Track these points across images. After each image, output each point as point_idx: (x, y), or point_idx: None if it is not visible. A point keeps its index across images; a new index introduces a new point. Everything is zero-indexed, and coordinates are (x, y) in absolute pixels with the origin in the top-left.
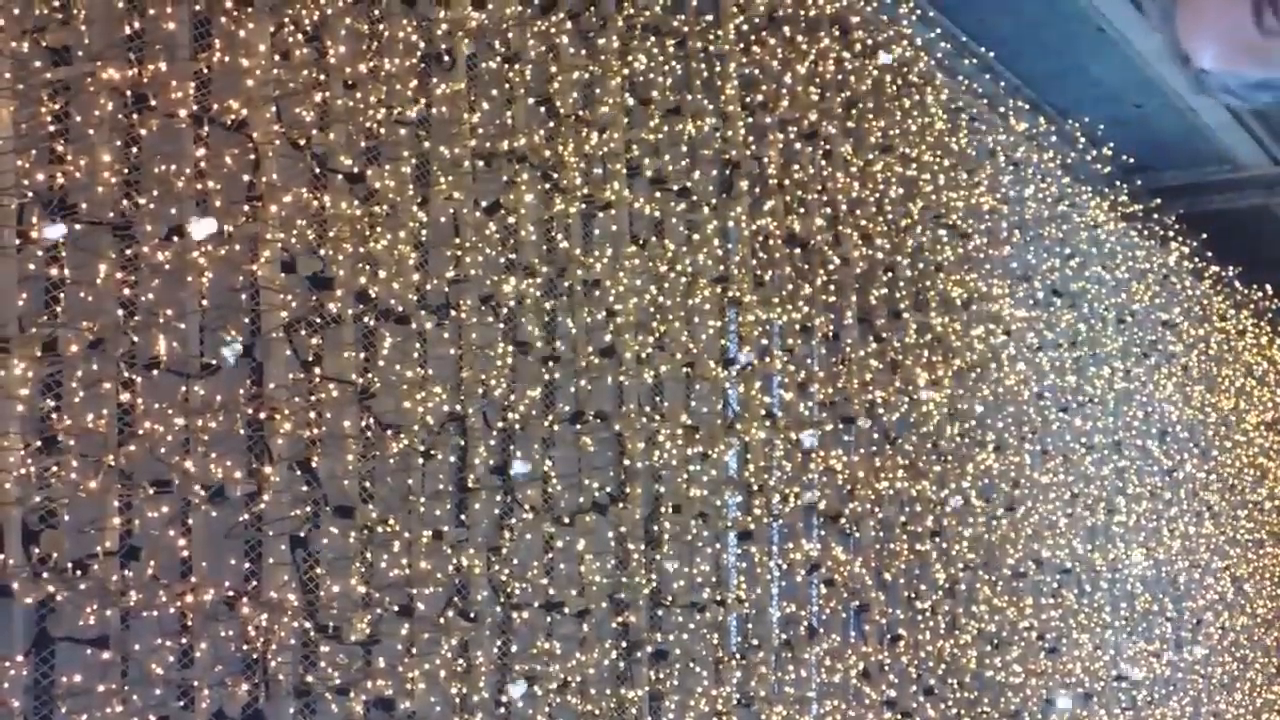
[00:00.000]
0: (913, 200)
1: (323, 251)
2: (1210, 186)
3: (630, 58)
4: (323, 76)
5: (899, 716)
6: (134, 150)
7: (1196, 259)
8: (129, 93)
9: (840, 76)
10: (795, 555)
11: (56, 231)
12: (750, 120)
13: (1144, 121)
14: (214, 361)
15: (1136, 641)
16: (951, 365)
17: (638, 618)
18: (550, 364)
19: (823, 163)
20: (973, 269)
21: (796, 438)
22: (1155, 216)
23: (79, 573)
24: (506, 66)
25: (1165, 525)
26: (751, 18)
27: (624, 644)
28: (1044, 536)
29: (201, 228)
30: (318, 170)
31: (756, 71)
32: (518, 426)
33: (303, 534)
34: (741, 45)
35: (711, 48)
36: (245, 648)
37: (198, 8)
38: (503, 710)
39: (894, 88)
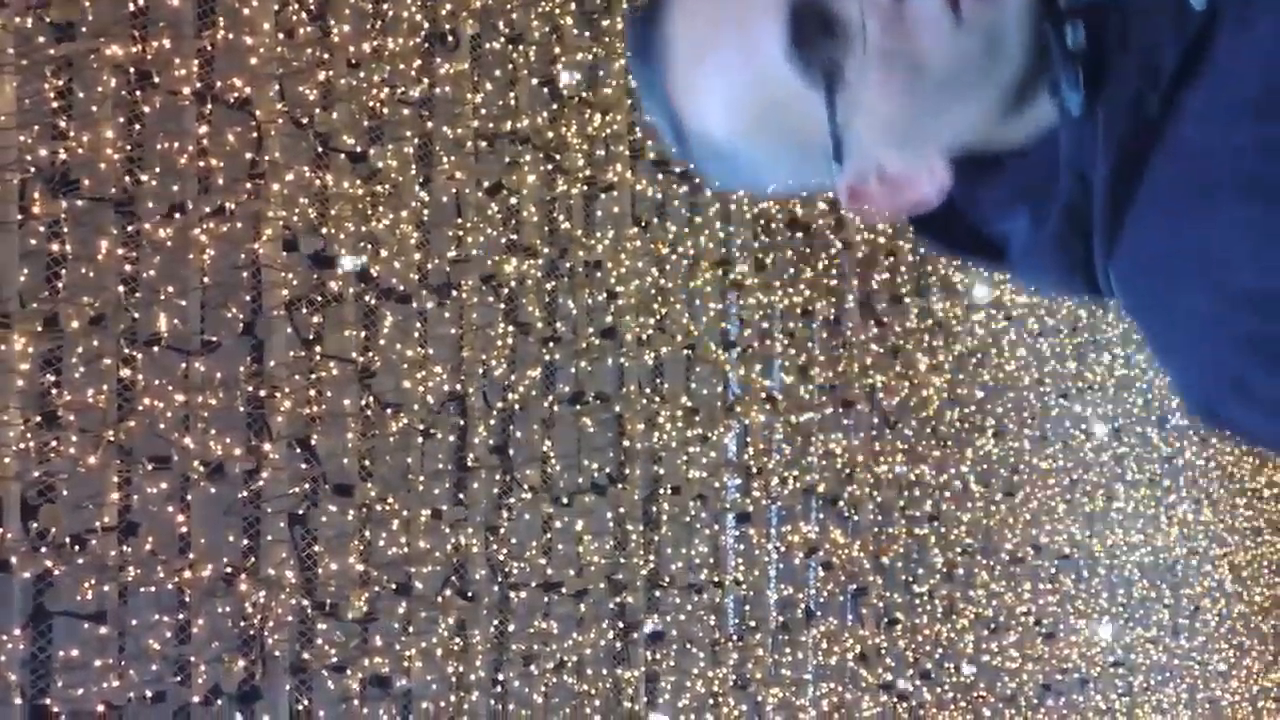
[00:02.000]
0: None
1: (324, 230)
2: None
3: None
4: (326, 55)
5: (895, 700)
6: (137, 127)
7: None
8: (132, 69)
9: None
10: (794, 538)
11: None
12: None
13: None
14: (214, 338)
15: (1134, 628)
16: (952, 350)
17: (635, 599)
18: (551, 345)
19: None
20: None
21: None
22: None
23: (77, 548)
24: (510, 47)
25: (1164, 512)
26: None
27: (621, 625)
28: (1042, 522)
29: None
30: (320, 149)
31: None
32: (518, 407)
33: (301, 511)
34: None
35: None
36: (243, 624)
37: None
38: (499, 689)
39: None
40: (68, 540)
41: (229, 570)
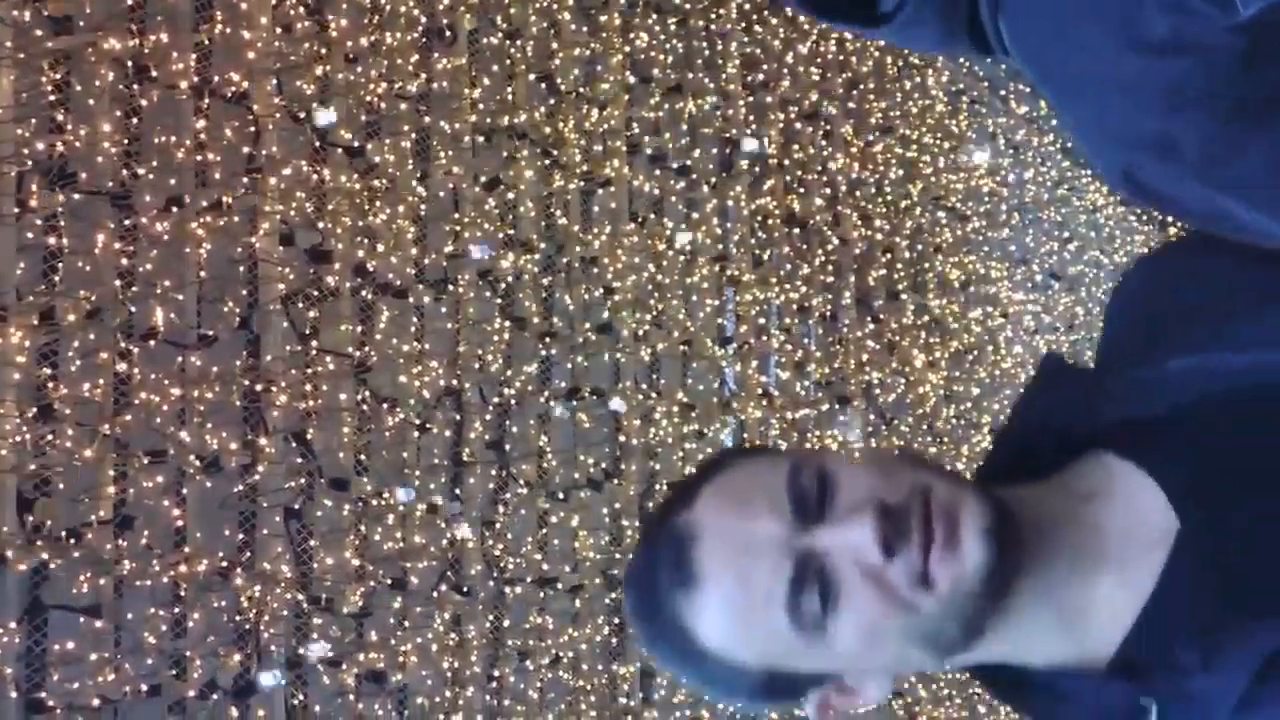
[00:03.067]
0: (912, 182)
1: (321, 224)
2: None
3: (632, 35)
4: (324, 50)
5: (891, 696)
6: (134, 121)
7: None
8: (130, 63)
9: (842, 57)
10: None
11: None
12: (751, 99)
13: None
14: (211, 332)
15: None
16: (949, 347)
17: None
18: (547, 340)
19: (823, 143)
20: (971, 251)
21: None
22: None
23: (73, 541)
24: (508, 42)
25: None
26: None
27: (617, 620)
28: None
29: None
30: (318, 143)
31: (758, 50)
32: (514, 402)
33: (297, 506)
34: (743, 24)
35: (713, 26)
36: (238, 618)
37: None
38: (494, 684)
39: (895, 69)
40: (63, 534)
41: (225, 564)
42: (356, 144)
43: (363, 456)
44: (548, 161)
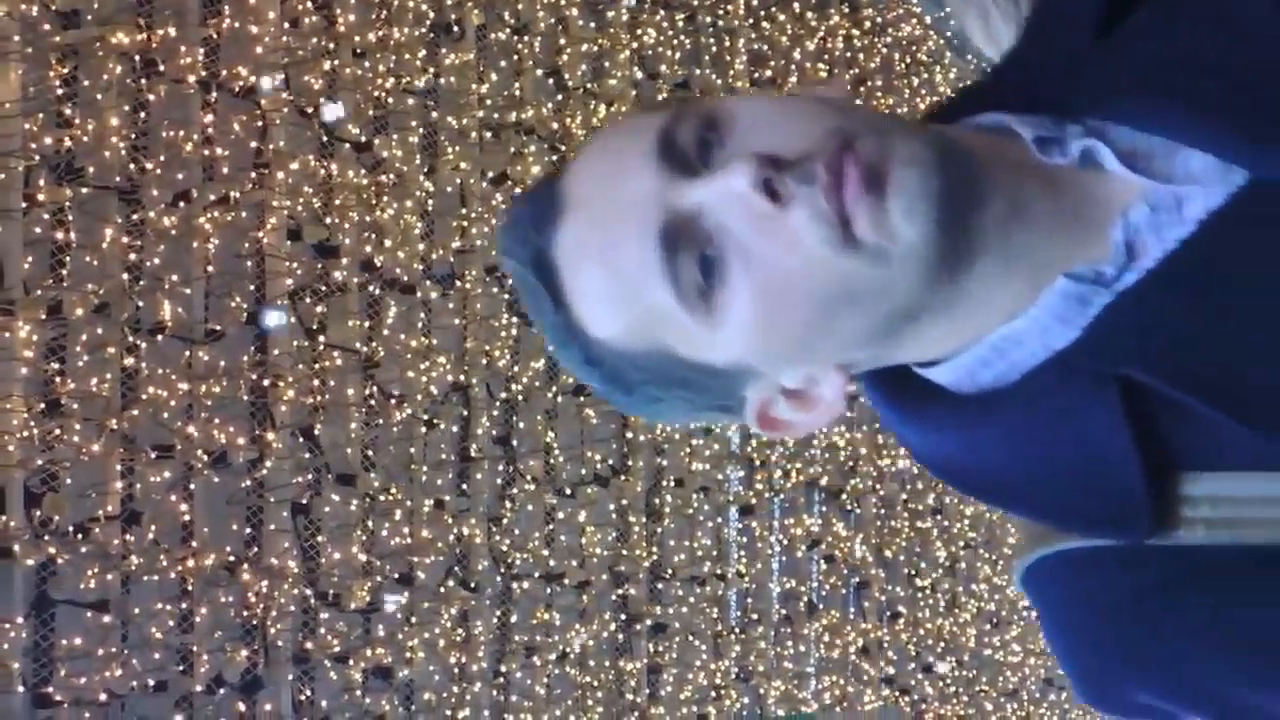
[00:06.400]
0: None
1: (329, 220)
2: None
3: (639, 31)
4: (331, 45)
5: (897, 693)
6: (142, 115)
7: None
8: (138, 58)
9: (849, 54)
10: (796, 531)
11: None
12: None
13: None
14: (218, 327)
15: None
16: None
17: (638, 590)
18: None
19: None
20: None
21: None
22: None
23: (80, 536)
24: (515, 38)
25: None
26: None
27: (623, 616)
28: None
29: None
30: (325, 138)
31: (765, 47)
32: (521, 397)
33: (304, 501)
34: (751, 20)
35: (721, 22)
36: (245, 614)
37: None
38: (501, 680)
39: (903, 66)
40: (71, 529)
41: (232, 559)
42: (364, 139)
43: (370, 452)
44: (555, 157)
